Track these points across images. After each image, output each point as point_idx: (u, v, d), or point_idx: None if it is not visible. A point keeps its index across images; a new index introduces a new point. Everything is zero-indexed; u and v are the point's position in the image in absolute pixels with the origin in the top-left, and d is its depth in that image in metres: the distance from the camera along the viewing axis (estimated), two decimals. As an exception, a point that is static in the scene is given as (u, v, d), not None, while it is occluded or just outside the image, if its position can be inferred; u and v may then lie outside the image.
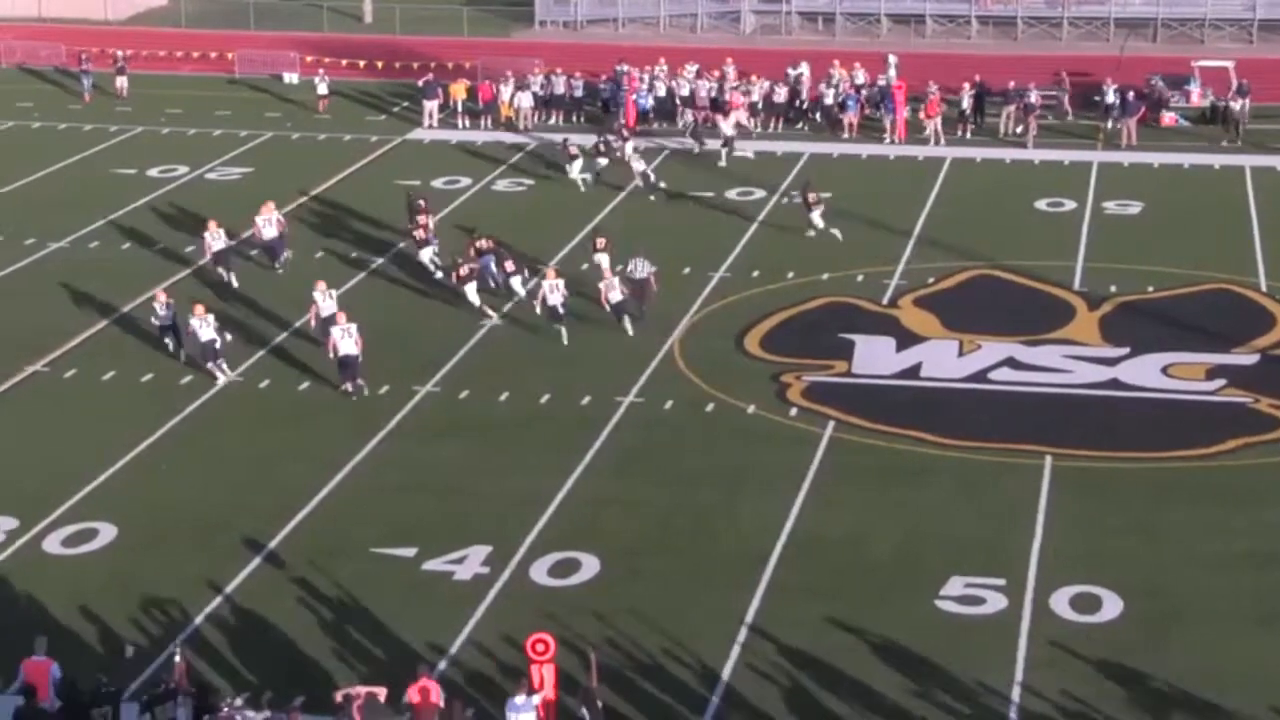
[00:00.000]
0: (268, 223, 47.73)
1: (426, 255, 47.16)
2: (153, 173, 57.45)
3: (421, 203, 49.51)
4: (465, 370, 41.02)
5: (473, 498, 34.47)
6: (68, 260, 48.84)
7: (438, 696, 25.74)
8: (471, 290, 44.38)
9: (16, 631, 28.54)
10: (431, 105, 63.87)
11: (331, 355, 39.49)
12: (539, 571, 31.55)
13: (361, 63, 72.27)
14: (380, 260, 48.67)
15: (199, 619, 29.87)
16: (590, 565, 31.70)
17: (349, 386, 39.38)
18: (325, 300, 41.96)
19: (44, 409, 39.04)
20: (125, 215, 52.81)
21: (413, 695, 25.63)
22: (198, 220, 50.69)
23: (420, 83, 65.18)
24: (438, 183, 56.55)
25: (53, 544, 32.60)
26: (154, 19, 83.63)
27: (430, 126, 63.49)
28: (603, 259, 45.37)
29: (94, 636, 29.36)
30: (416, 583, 31.22)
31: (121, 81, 69.61)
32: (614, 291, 43.17)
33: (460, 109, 63.96)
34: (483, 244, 46.29)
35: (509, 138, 61.92)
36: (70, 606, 30.19)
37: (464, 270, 44.61)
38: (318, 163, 58.57)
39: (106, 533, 32.97)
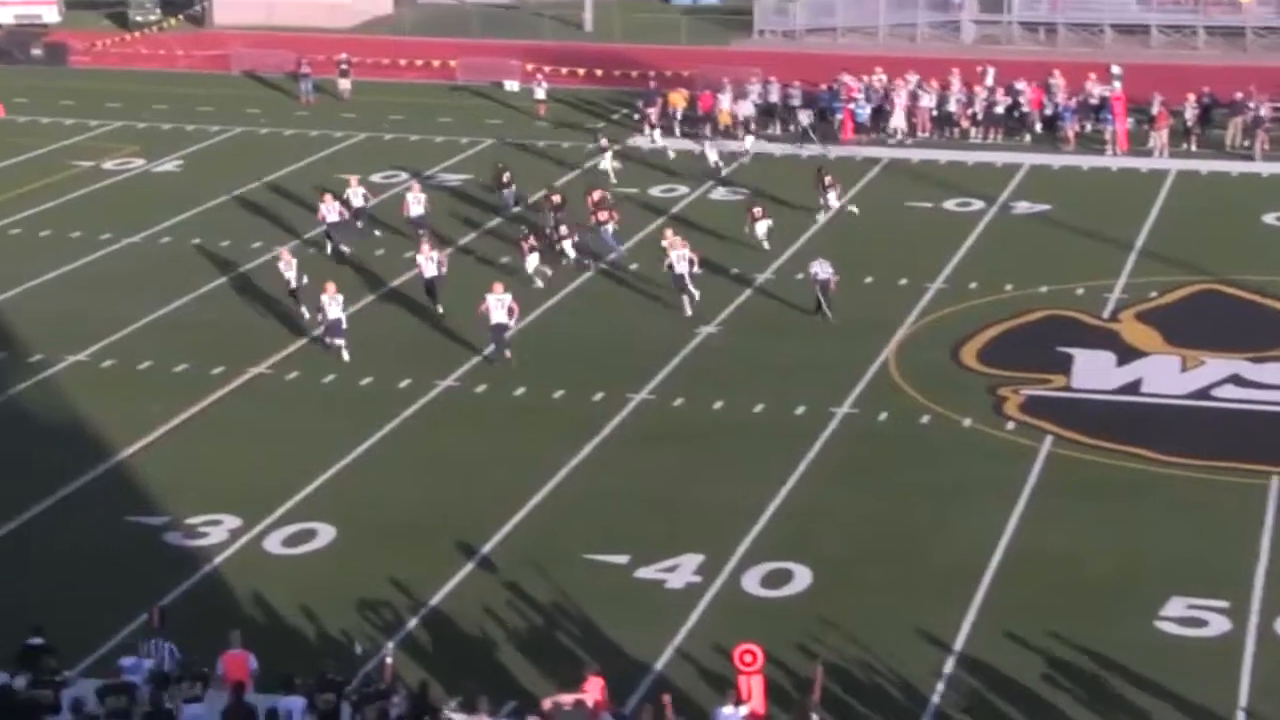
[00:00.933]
0: (416, 201, 49.94)
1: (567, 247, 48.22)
2: (375, 178, 58.19)
3: (598, 194, 50.20)
4: (680, 378, 40.99)
5: (686, 506, 34.39)
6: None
7: (602, 694, 25.58)
8: (533, 260, 46.52)
9: (238, 627, 28.97)
10: (650, 113, 64.01)
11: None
12: (751, 581, 31.37)
13: (581, 70, 72.68)
14: (594, 267, 48.79)
15: (412, 622, 30.13)
16: (802, 576, 31.46)
17: (492, 352, 41.30)
18: (332, 305, 41.93)
19: (267, 410, 39.71)
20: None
21: (586, 694, 25.48)
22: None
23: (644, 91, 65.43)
24: (655, 190, 56.62)
25: (274, 543, 33.11)
26: (379, 27, 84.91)
27: (648, 134, 63.59)
28: (761, 227, 49.16)
29: (312, 635, 29.76)
30: (628, 590, 31.21)
31: (345, 84, 70.90)
32: (683, 263, 44.45)
33: (679, 117, 63.99)
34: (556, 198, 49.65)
35: (728, 146, 61.81)
36: (290, 605, 30.62)
37: (529, 242, 46.80)
38: (537, 169, 58.91)
39: (325, 533, 33.41)
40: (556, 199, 50.20)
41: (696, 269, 44.92)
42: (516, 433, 38.10)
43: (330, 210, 49.45)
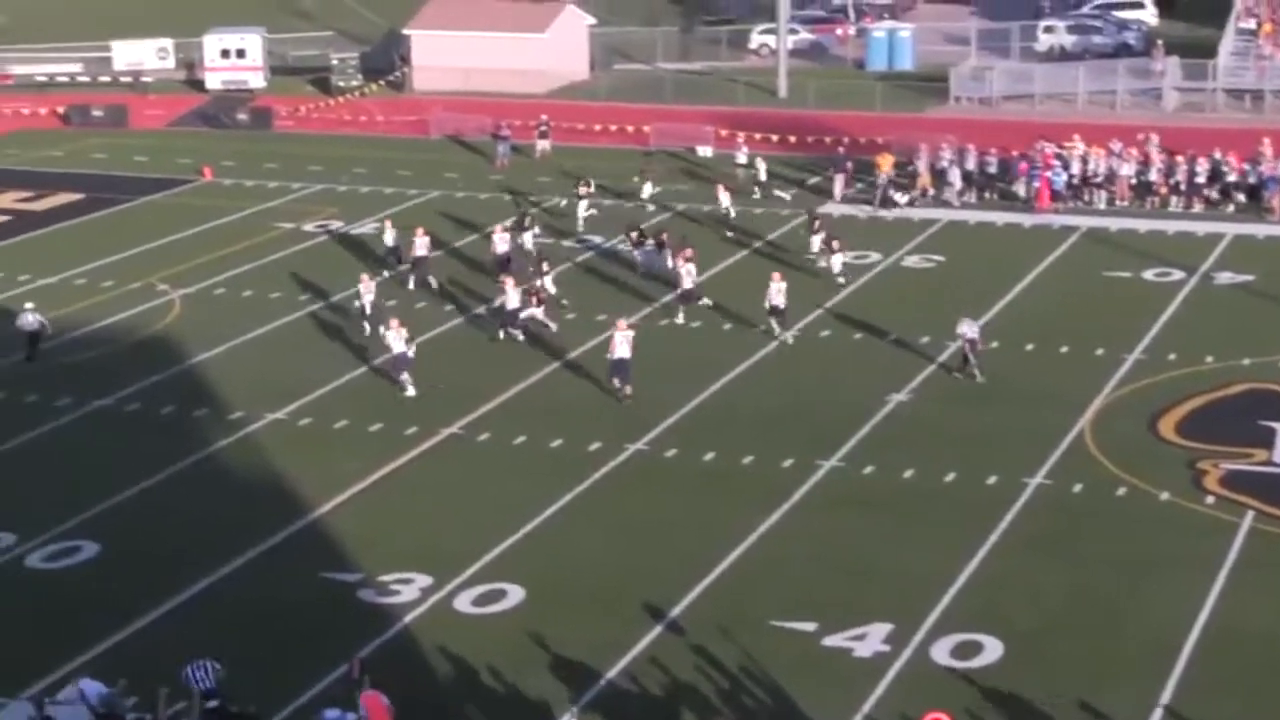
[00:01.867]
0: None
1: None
2: (567, 241, 58.80)
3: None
4: (870, 445, 40.87)
5: (875, 574, 34.26)
6: (482, 325, 50.28)
7: None
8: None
9: (417, 685, 29.36)
10: (840, 179, 64.08)
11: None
12: (940, 652, 31.15)
13: (774, 137, 72.96)
14: (785, 333, 48.85)
15: (599, 684, 30.29)
16: (993, 648, 31.16)
17: (617, 383, 43.50)
18: (397, 341, 44.34)
19: (459, 470, 40.23)
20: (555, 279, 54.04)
21: None
22: (620, 287, 52.04)
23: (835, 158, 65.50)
24: (846, 257, 56.45)
25: (464, 603, 33.50)
26: (574, 92, 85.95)
27: (840, 200, 63.63)
28: (836, 260, 52.92)
29: (501, 693, 30.03)
30: (816, 657, 31.14)
31: (544, 145, 72.03)
32: (780, 297, 48.00)
33: (887, 180, 63.95)
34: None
35: (918, 213, 61.67)
36: (479, 664, 30.94)
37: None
38: (727, 236, 59.16)
39: (515, 594, 33.73)
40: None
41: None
42: (705, 497, 38.22)
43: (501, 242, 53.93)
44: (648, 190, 64.36)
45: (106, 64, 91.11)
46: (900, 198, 62.56)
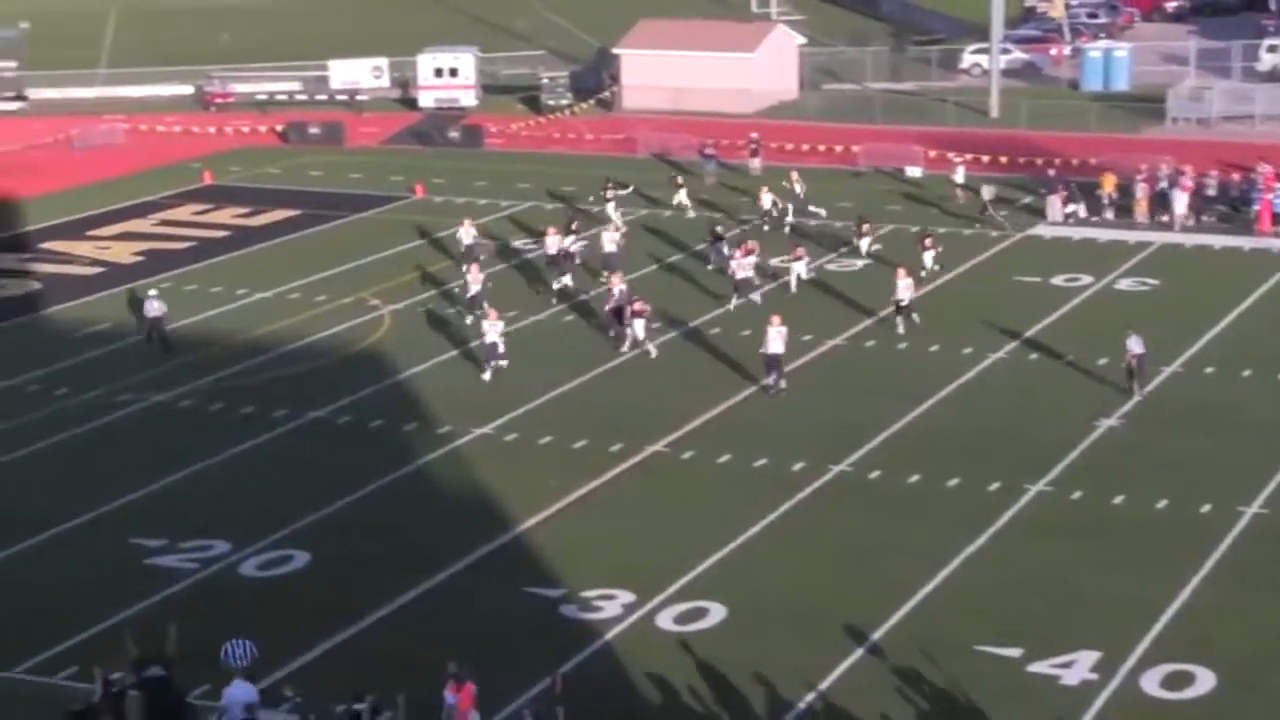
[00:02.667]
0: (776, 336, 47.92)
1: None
2: (774, 261, 58.73)
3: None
4: (1079, 470, 40.28)
5: (1082, 601, 33.73)
6: (680, 345, 50.40)
7: None
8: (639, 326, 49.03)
9: (618, 702, 29.46)
10: (1055, 200, 63.33)
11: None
12: (1150, 682, 30.57)
13: (985, 157, 72.27)
14: (994, 355, 48.42)
15: (799, 706, 30.16)
16: (1205, 679, 30.52)
17: (771, 381, 45.16)
18: (491, 332, 47.49)
19: (662, 488, 40.34)
20: (742, 306, 54.12)
21: None
22: (816, 311, 51.96)
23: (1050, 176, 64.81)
24: (1057, 280, 55.89)
25: (666, 620, 33.56)
26: (783, 112, 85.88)
27: (1054, 222, 62.88)
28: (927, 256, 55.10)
29: (701, 712, 30.02)
30: (1021, 684, 30.73)
31: (755, 163, 72.20)
32: (907, 291, 50.29)
33: (1107, 201, 63.13)
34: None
35: (1133, 235, 60.74)
36: (681, 682, 30.99)
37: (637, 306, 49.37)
38: (960, 250, 58.78)
39: (717, 612, 33.72)
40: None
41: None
42: (910, 519, 37.92)
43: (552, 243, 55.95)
44: (679, 199, 66.54)
45: (324, 83, 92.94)
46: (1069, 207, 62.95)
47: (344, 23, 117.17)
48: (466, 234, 57.74)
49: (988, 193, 64.92)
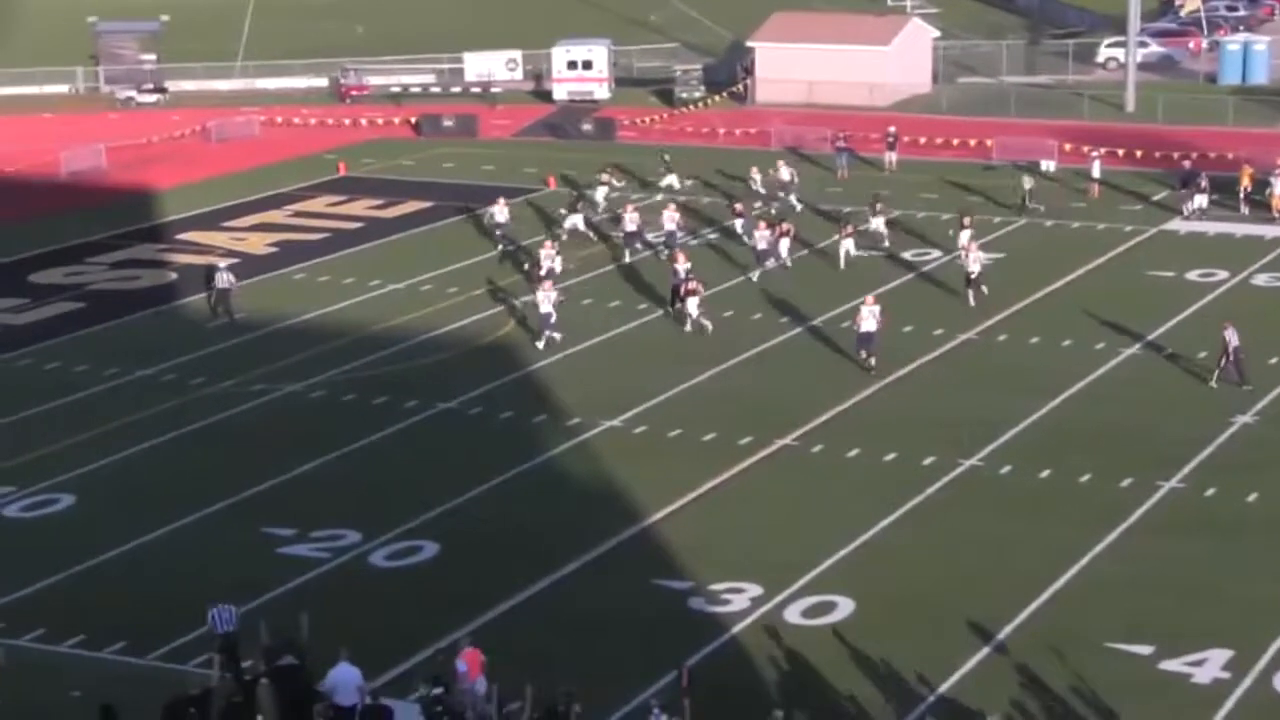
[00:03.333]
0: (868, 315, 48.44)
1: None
2: (907, 255, 58.57)
3: None
4: (1213, 466, 39.84)
5: (1215, 599, 33.37)
6: (824, 335, 50.35)
7: None
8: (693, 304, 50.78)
9: (745, 695, 29.49)
10: (1190, 195, 62.62)
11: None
12: (1284, 682, 30.24)
13: (1120, 151, 71.52)
14: (1127, 350, 47.98)
15: (927, 701, 30.08)
16: (1340, 681, 30.14)
17: (867, 358, 46.49)
18: (545, 302, 49.58)
19: (791, 482, 40.31)
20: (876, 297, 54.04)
21: None
22: (949, 305, 51.74)
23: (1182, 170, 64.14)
24: (1192, 275, 55.26)
25: (793, 614, 33.55)
26: (917, 106, 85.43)
27: (1188, 217, 62.15)
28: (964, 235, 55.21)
29: (828, 708, 30.01)
30: (1151, 682, 30.46)
31: (891, 156, 71.92)
32: (976, 265, 52.10)
33: (1244, 196, 62.42)
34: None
35: (1270, 230, 59.93)
36: (808, 675, 30.99)
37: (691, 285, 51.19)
38: (1069, 251, 58.31)
39: (844, 607, 33.68)
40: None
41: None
42: (1040, 515, 37.66)
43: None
44: (668, 181, 68.37)
45: (458, 75, 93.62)
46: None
47: (479, 15, 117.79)
48: (500, 213, 59.91)
49: (1028, 182, 64.81)
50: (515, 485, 40.39)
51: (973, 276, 52.24)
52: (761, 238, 56.52)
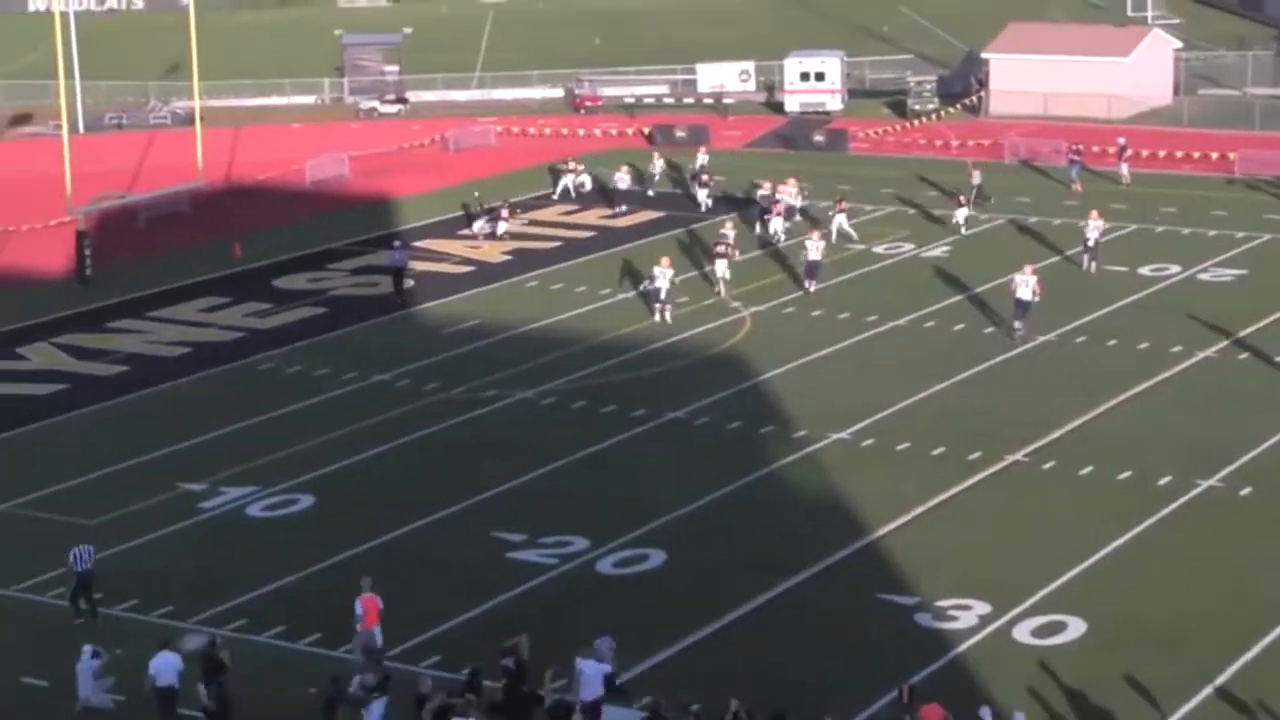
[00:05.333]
0: (1023, 284, 50.55)
1: None
2: (1144, 270, 57.36)
3: None
4: None
5: None
6: (1061, 350, 49.47)
7: None
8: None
9: (969, 712, 28.94)
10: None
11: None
12: None
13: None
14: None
15: (1161, 725, 29.32)
16: None
17: (1017, 325, 49.37)
18: (661, 277, 53.16)
19: (1021, 498, 39.56)
20: (1110, 313, 52.92)
21: None
22: (1187, 321, 50.65)
23: None
24: None
25: (1023, 633, 32.88)
26: (1156, 118, 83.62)
27: None
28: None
29: (1055, 729, 29.44)
30: (1397, 716, 29.33)
31: (1124, 169, 70.41)
32: (1095, 231, 55.57)
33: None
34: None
35: None
36: (1036, 695, 30.33)
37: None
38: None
39: (1075, 627, 32.91)
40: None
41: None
42: (1281, 539, 36.56)
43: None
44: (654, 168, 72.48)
45: (691, 86, 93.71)
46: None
47: (712, 27, 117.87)
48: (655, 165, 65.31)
49: (976, 177, 66.84)
50: (742, 496, 40.16)
51: (1089, 243, 56.68)
52: (816, 248, 56.48)
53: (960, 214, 63.34)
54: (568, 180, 71.82)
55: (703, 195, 68.91)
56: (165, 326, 54.88)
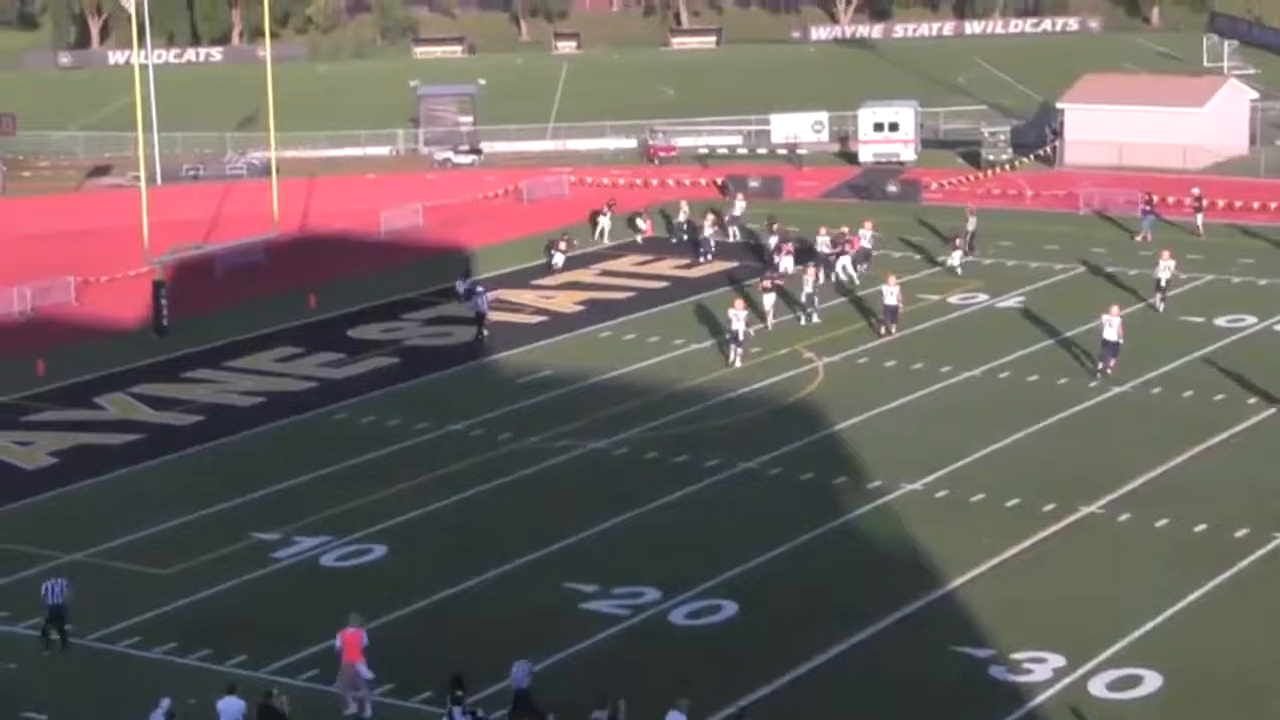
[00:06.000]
0: (1109, 325, 51.22)
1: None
2: (1220, 321, 56.96)
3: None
4: None
5: None
6: (1136, 401, 49.16)
7: None
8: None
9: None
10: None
11: None
12: None
13: None
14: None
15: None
16: None
17: (1103, 365, 50.55)
18: (736, 319, 54.15)
19: (1097, 550, 39.24)
20: (1186, 364, 52.57)
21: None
22: (1263, 372, 50.24)
23: None
24: None
25: (1098, 686, 32.58)
26: (1232, 169, 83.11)
27: None
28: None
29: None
30: None
31: (1199, 220, 69.92)
32: (1166, 272, 56.69)
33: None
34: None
35: None
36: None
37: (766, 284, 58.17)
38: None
39: (1152, 681, 32.60)
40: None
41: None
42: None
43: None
44: (739, 208, 74.49)
45: (764, 137, 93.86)
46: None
47: (785, 77, 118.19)
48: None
49: (972, 222, 68.21)
50: (814, 547, 40.01)
51: (1162, 284, 57.71)
52: (890, 292, 57.12)
53: (955, 256, 65.17)
54: (603, 222, 73.62)
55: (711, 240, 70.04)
56: (240, 376, 55.22)
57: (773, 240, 66.88)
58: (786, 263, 64.31)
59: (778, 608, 36.55)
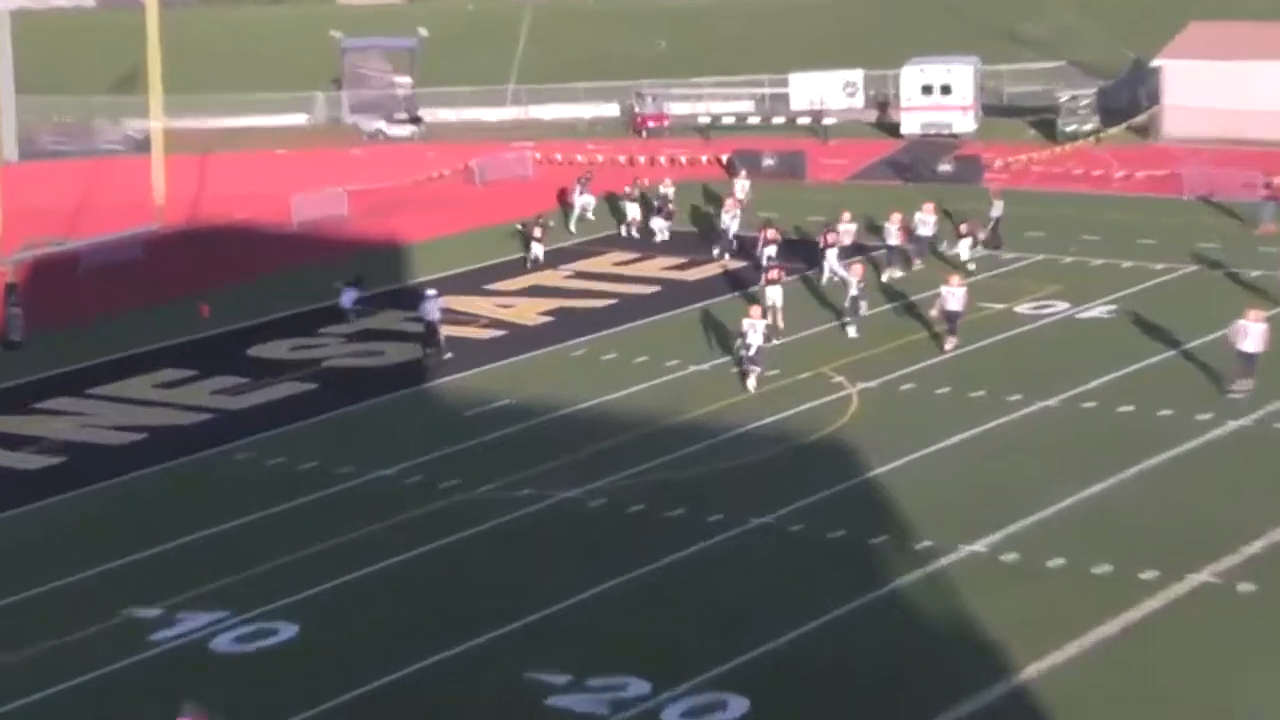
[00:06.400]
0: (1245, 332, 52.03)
1: None
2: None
3: None
4: None
5: None
6: (1260, 436, 49.01)
7: None
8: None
9: None
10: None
11: None
12: None
13: None
14: None
15: None
16: None
17: (1239, 383, 51.49)
18: (752, 332, 54.85)
19: (1210, 629, 38.93)
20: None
21: None
22: None
23: None
24: None
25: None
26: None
27: None
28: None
29: None
30: None
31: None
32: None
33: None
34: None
35: None
36: None
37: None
38: None
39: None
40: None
41: None
42: None
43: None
44: (741, 188, 76.13)
45: (782, 102, 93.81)
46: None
47: (810, 26, 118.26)
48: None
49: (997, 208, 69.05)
50: (846, 625, 39.72)
51: None
52: (954, 296, 57.89)
53: (963, 247, 65.50)
54: (581, 201, 75.72)
55: (661, 225, 73.63)
56: (112, 406, 55.05)
57: (766, 233, 67.89)
58: (770, 252, 65.54)
59: (801, 706, 36.22)
